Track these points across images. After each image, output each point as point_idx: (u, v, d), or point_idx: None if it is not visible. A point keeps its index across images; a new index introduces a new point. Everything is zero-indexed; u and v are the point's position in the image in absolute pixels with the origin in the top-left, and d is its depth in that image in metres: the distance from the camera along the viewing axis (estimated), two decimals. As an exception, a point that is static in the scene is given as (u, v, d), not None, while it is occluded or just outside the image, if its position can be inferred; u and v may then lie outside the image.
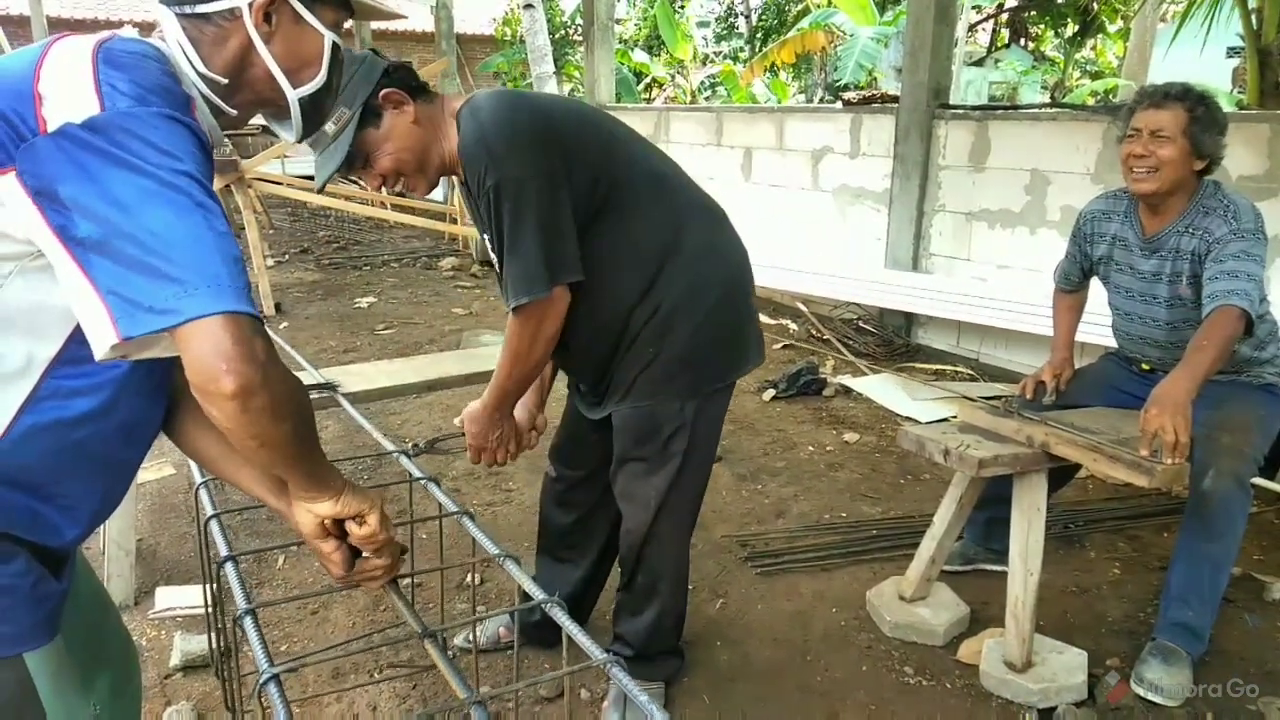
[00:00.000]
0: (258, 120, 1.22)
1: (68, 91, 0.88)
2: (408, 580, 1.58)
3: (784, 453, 3.59)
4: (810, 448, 3.65)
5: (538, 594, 1.20)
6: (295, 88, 1.10)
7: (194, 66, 1.03)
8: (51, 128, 0.86)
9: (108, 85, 0.88)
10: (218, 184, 6.29)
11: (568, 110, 1.79)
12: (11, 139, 0.86)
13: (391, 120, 1.65)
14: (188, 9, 1.03)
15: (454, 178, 1.81)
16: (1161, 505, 3.05)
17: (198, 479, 1.64)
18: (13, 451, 0.94)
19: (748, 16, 18.02)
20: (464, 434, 1.97)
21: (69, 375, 0.95)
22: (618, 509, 2.03)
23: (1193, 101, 2.11)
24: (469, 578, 2.56)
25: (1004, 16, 16.91)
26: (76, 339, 0.92)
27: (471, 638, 2.13)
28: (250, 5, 1.03)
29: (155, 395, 1.09)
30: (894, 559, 2.69)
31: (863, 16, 11.95)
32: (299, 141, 1.17)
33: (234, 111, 1.09)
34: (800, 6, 15.00)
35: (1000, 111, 4.80)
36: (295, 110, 1.12)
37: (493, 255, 1.76)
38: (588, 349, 1.86)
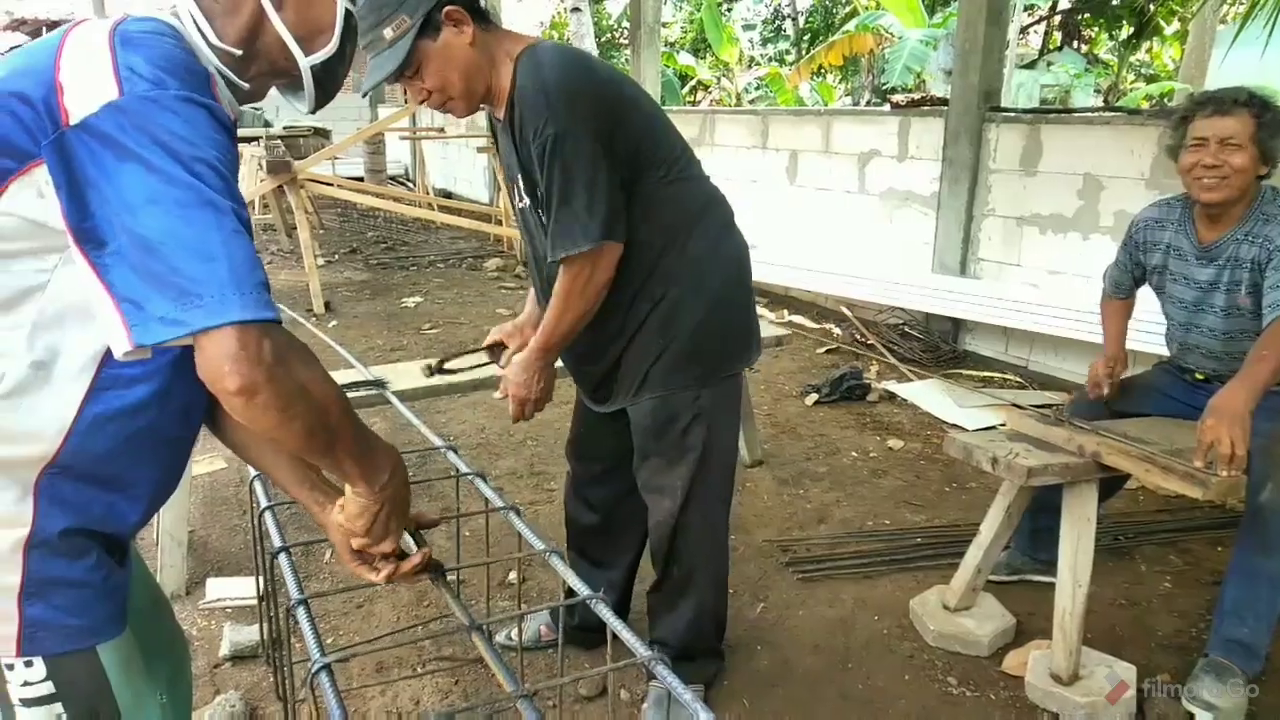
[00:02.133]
0: (308, 121, 1.24)
1: (87, 79, 0.87)
2: (452, 575, 1.60)
3: (826, 458, 3.57)
4: (853, 453, 3.62)
5: (582, 589, 1.22)
6: (307, 55, 1.08)
7: (206, 39, 1.02)
8: (74, 120, 0.86)
9: (126, 69, 0.87)
10: (270, 185, 6.44)
11: (622, 80, 1.82)
12: (42, 130, 0.87)
13: (449, 37, 1.65)
14: None
15: (494, 118, 1.83)
16: (1215, 518, 2.97)
17: (252, 472, 1.68)
18: (82, 445, 0.96)
19: (794, 19, 17.93)
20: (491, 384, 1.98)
21: (124, 364, 0.95)
22: (645, 506, 2.03)
23: (1259, 107, 2.07)
24: (510, 575, 2.59)
25: (1056, 19, 16.61)
26: None
27: (515, 635, 2.15)
28: None
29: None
30: (938, 568, 2.66)
31: (911, 19, 11.83)
32: (312, 112, 1.16)
33: (247, 85, 1.08)
34: (848, 9, 14.88)
35: (1052, 114, 4.72)
36: (308, 79, 1.10)
37: (519, 200, 1.81)
38: (595, 332, 1.85)
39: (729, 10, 17.83)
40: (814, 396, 4.24)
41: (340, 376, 2.68)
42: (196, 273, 0.83)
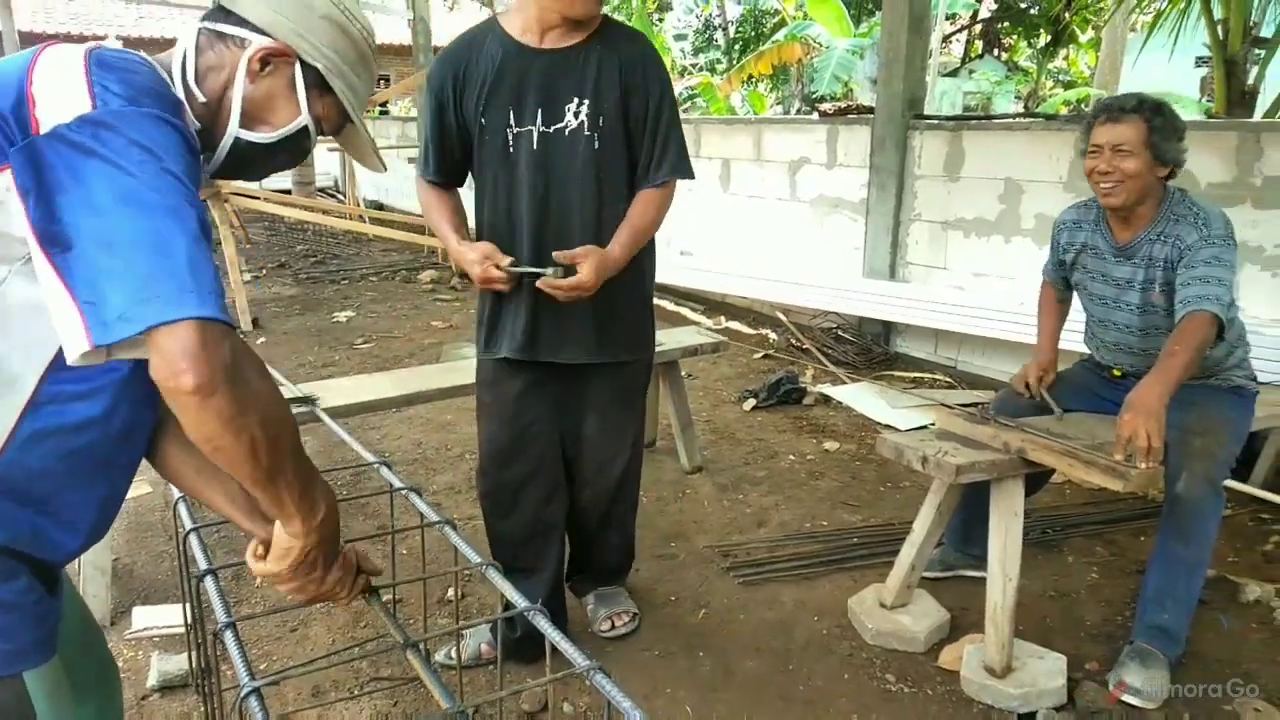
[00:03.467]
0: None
1: (61, 92, 0.89)
2: (389, 595, 1.57)
3: (765, 462, 3.61)
4: (791, 456, 3.66)
5: (520, 602, 1.22)
6: (242, 128, 1.10)
7: (185, 75, 1.07)
8: (44, 129, 0.87)
9: (100, 86, 0.89)
10: (194, 199, 6.25)
11: None
12: (9, 139, 0.87)
13: None
14: (214, 24, 1.09)
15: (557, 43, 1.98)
16: (1138, 510, 3.08)
17: (176, 493, 1.63)
18: (15, 462, 0.93)
19: (725, 29, 18.16)
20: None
21: (68, 380, 0.94)
22: (561, 502, 2.26)
23: (1149, 112, 2.13)
24: (449, 592, 2.55)
25: (978, 28, 17.13)
26: None
27: (454, 653, 2.13)
28: (255, 45, 1.08)
29: (151, 399, 1.06)
30: (875, 567, 2.70)
31: (839, 29, 12.08)
32: (211, 176, 1.16)
33: (197, 125, 1.09)
34: (776, 19, 15.12)
35: (973, 121, 4.86)
36: (226, 142, 1.11)
37: (558, 121, 1.97)
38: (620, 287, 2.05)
39: (660, 20, 17.97)
40: (751, 401, 4.28)
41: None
42: (157, 270, 0.83)
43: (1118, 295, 2.30)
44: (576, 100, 1.94)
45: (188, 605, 1.71)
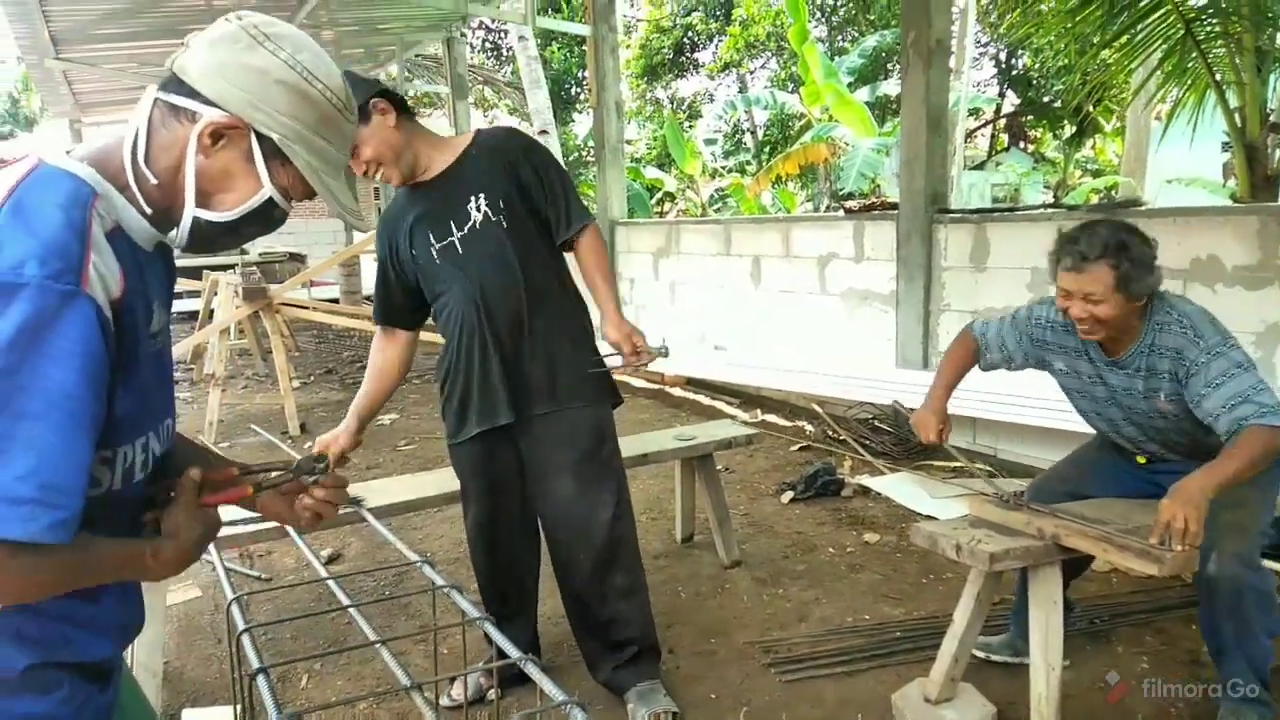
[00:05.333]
0: (283, 247, 1.28)
1: None
2: (431, 691, 1.61)
3: (804, 555, 3.59)
4: (830, 549, 3.64)
5: (514, 653, 1.43)
6: (199, 207, 1.06)
7: (134, 154, 1.03)
8: None
9: None
10: (246, 311, 6.54)
11: None
12: None
13: (377, 121, 2.15)
14: (167, 95, 1.05)
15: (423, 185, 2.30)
16: (1188, 597, 3.00)
17: (230, 594, 1.70)
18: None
19: (753, 132, 18.73)
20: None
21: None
22: (537, 558, 2.52)
23: (1114, 256, 2.04)
24: (490, 693, 2.57)
25: (1002, 122, 17.48)
26: None
27: (458, 693, 2.45)
28: (204, 119, 1.03)
29: (126, 504, 1.08)
30: (919, 660, 2.66)
31: (863, 129, 12.43)
32: (180, 248, 1.13)
33: (149, 210, 1.06)
34: (803, 122, 15.60)
35: (997, 213, 4.95)
36: (186, 222, 1.07)
37: (466, 225, 2.26)
38: (552, 334, 2.31)
39: (691, 127, 18.63)
40: (789, 494, 4.28)
41: (316, 496, 2.71)
42: None
43: (1121, 399, 2.26)
44: (474, 199, 2.25)
45: (238, 705, 1.76)
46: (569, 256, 2.41)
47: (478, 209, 2.24)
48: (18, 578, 0.88)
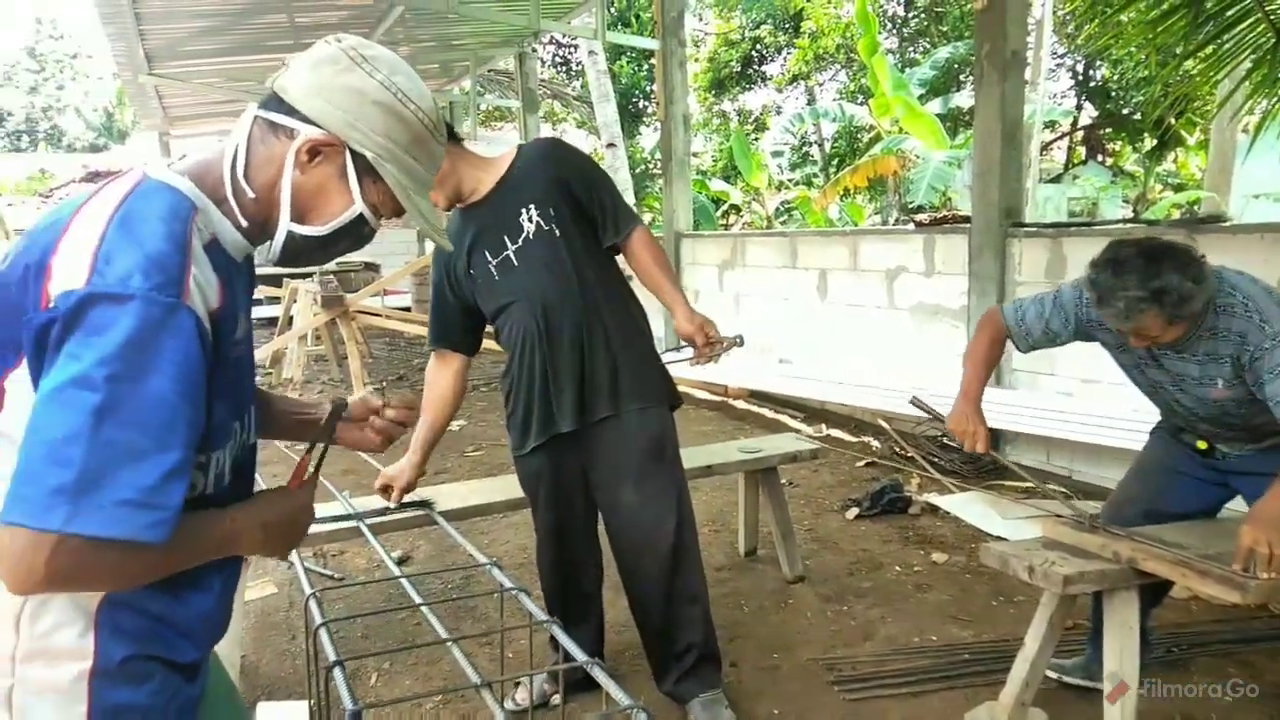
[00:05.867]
0: (359, 256, 1.37)
1: (68, 264, 0.92)
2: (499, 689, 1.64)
3: (870, 573, 3.55)
4: (897, 568, 3.59)
5: (581, 656, 1.46)
6: (294, 222, 1.11)
7: (234, 169, 1.08)
8: (50, 302, 0.91)
9: (103, 258, 0.91)
10: (324, 318, 6.74)
11: None
12: (25, 312, 0.93)
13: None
14: (267, 112, 1.09)
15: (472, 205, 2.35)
16: (1276, 627, 2.89)
17: (307, 589, 1.76)
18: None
19: (820, 145, 18.61)
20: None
21: None
22: (600, 567, 2.56)
23: (1155, 297, 1.95)
24: (553, 697, 2.59)
25: (1079, 134, 17.04)
26: None
27: (522, 697, 2.50)
28: (302, 136, 1.07)
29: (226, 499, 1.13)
30: (989, 684, 2.61)
31: (934, 141, 12.25)
32: (271, 263, 1.18)
33: (244, 223, 1.10)
34: (872, 134, 15.44)
35: (1073, 228, 4.84)
36: (280, 236, 1.11)
37: (519, 238, 2.30)
38: (612, 337, 2.32)
39: (757, 139, 18.58)
40: (854, 510, 4.24)
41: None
42: (35, 471, 0.87)
43: (1178, 382, 2.18)
44: (524, 211, 2.28)
45: (313, 696, 1.82)
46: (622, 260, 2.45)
47: (529, 220, 2.28)
48: (111, 570, 0.94)
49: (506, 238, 2.30)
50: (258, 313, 12.21)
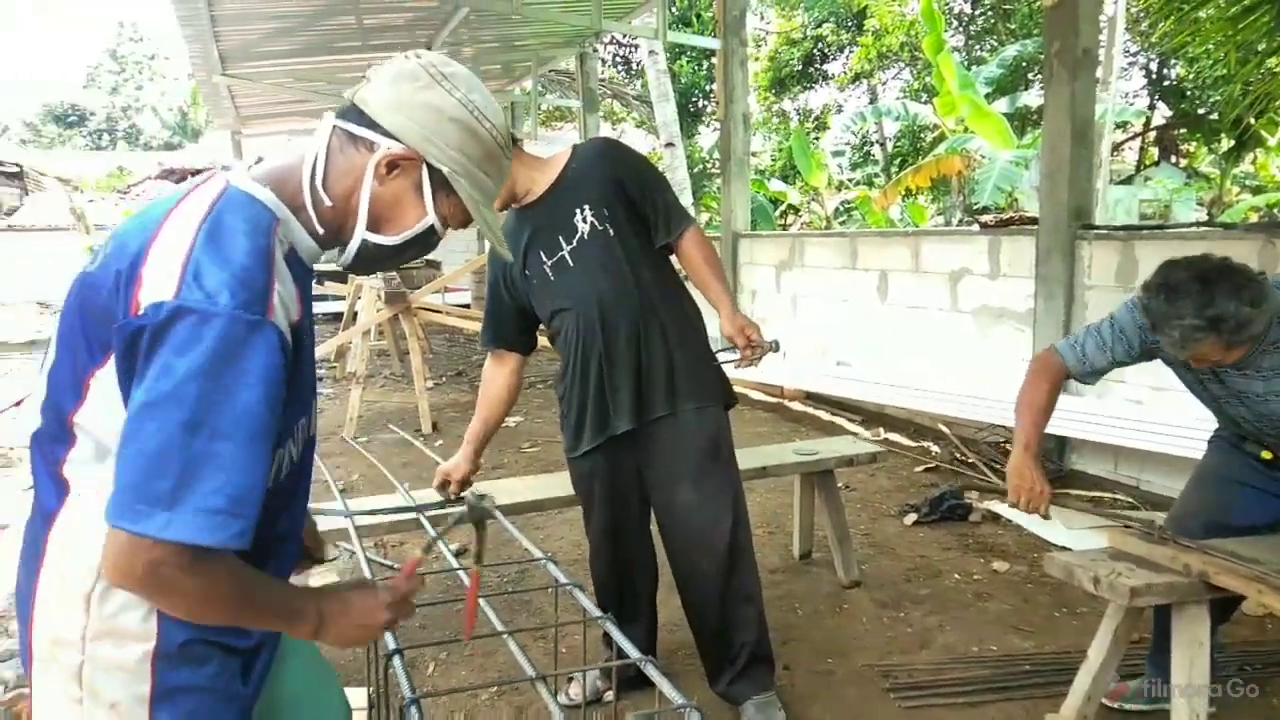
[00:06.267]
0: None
1: (158, 272, 0.97)
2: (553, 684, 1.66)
3: (927, 580, 3.49)
4: (956, 575, 3.53)
5: (634, 653, 1.48)
6: (369, 230, 1.15)
7: (313, 179, 1.12)
8: (139, 309, 0.96)
9: (192, 272, 0.95)
10: (387, 314, 6.87)
11: None
12: (115, 316, 0.98)
13: None
14: (346, 124, 1.13)
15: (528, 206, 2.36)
16: (1357, 649, 2.77)
17: (366, 577, 1.80)
18: None
19: (882, 144, 18.35)
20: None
21: None
22: (655, 563, 2.57)
23: (1212, 325, 1.87)
24: (606, 693, 2.61)
25: (1151, 134, 16.52)
26: None
27: (575, 692, 2.54)
28: (382, 150, 1.11)
29: (278, 518, 1.16)
30: (1049, 696, 2.55)
31: (1000, 141, 11.98)
32: (342, 268, 1.23)
33: (320, 231, 1.14)
34: (936, 133, 15.18)
35: (1146, 230, 4.69)
36: (355, 244, 1.16)
37: (575, 238, 2.30)
38: (668, 336, 2.33)
39: (817, 138, 18.41)
40: (913, 516, 4.17)
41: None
42: (136, 481, 0.93)
43: (1241, 398, 2.12)
44: (579, 211, 2.29)
45: (372, 684, 1.86)
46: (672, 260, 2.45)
47: (583, 220, 2.29)
48: (201, 585, 0.98)
49: (561, 238, 2.31)
50: (323, 308, 12.52)
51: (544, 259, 2.35)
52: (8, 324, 13.84)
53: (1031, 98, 13.70)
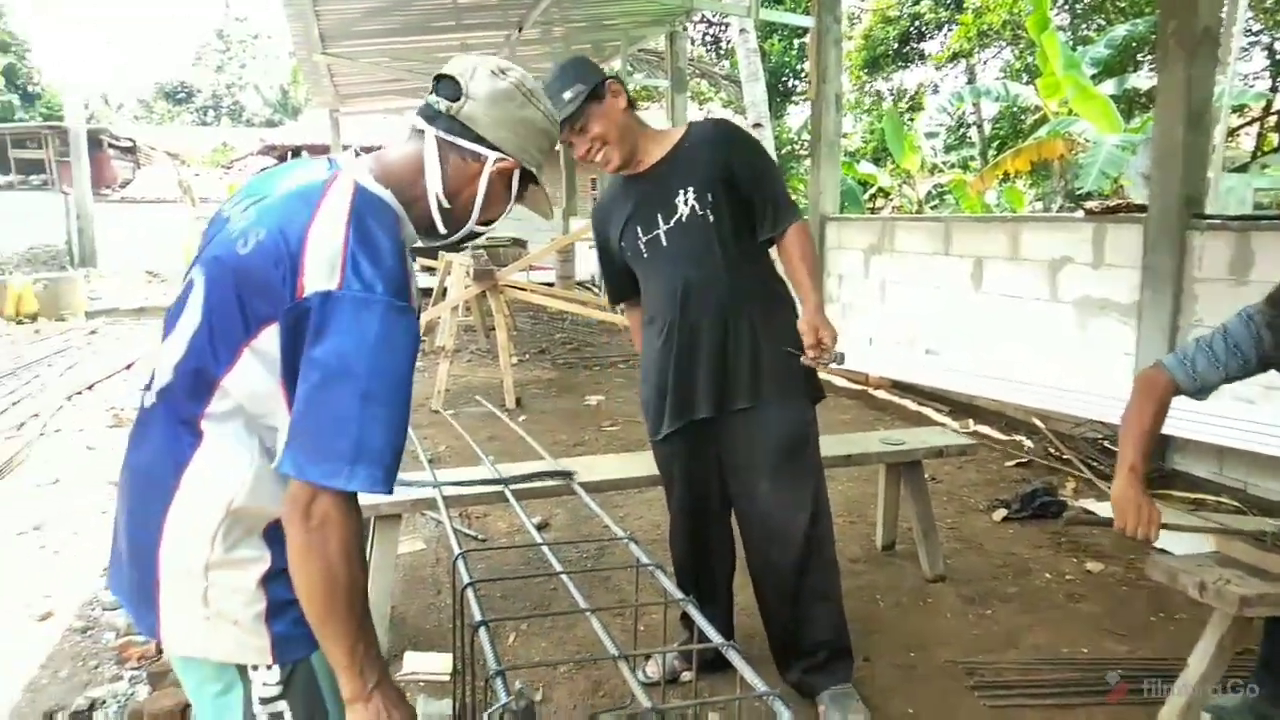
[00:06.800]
0: (505, 232, 1.65)
1: (320, 263, 1.15)
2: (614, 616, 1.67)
3: (1016, 578, 3.39)
4: (1047, 574, 3.42)
5: (717, 638, 1.48)
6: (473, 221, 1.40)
7: (432, 183, 1.33)
8: (304, 294, 1.14)
9: (350, 265, 1.14)
10: (475, 290, 6.99)
11: None
12: (280, 297, 1.15)
13: (610, 102, 2.24)
14: (451, 138, 1.32)
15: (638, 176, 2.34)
16: None
17: (456, 549, 1.84)
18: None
19: (980, 126, 17.75)
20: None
21: None
22: (733, 553, 2.55)
23: None
24: (637, 623, 2.62)
25: (1271, 119, 15.55)
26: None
27: (653, 670, 2.54)
28: (495, 162, 1.34)
29: None
30: (1142, 704, 2.45)
31: (1107, 124, 11.45)
32: (434, 249, 1.45)
33: (425, 223, 1.36)
34: (1037, 115, 14.60)
35: (1265, 221, 4.42)
36: (462, 234, 1.40)
37: (674, 218, 2.28)
38: (756, 328, 2.30)
39: (911, 120, 17.92)
40: (1002, 512, 4.05)
41: (530, 466, 2.88)
42: (321, 442, 1.12)
43: None
44: (682, 192, 2.25)
45: (457, 652, 1.90)
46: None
47: (685, 202, 2.25)
48: (356, 528, 1.17)
49: (660, 216, 2.29)
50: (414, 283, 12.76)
51: (640, 234, 2.33)
52: (119, 292, 14.60)
53: (1141, 79, 13.05)
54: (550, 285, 11.12)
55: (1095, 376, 5.01)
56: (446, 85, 1.33)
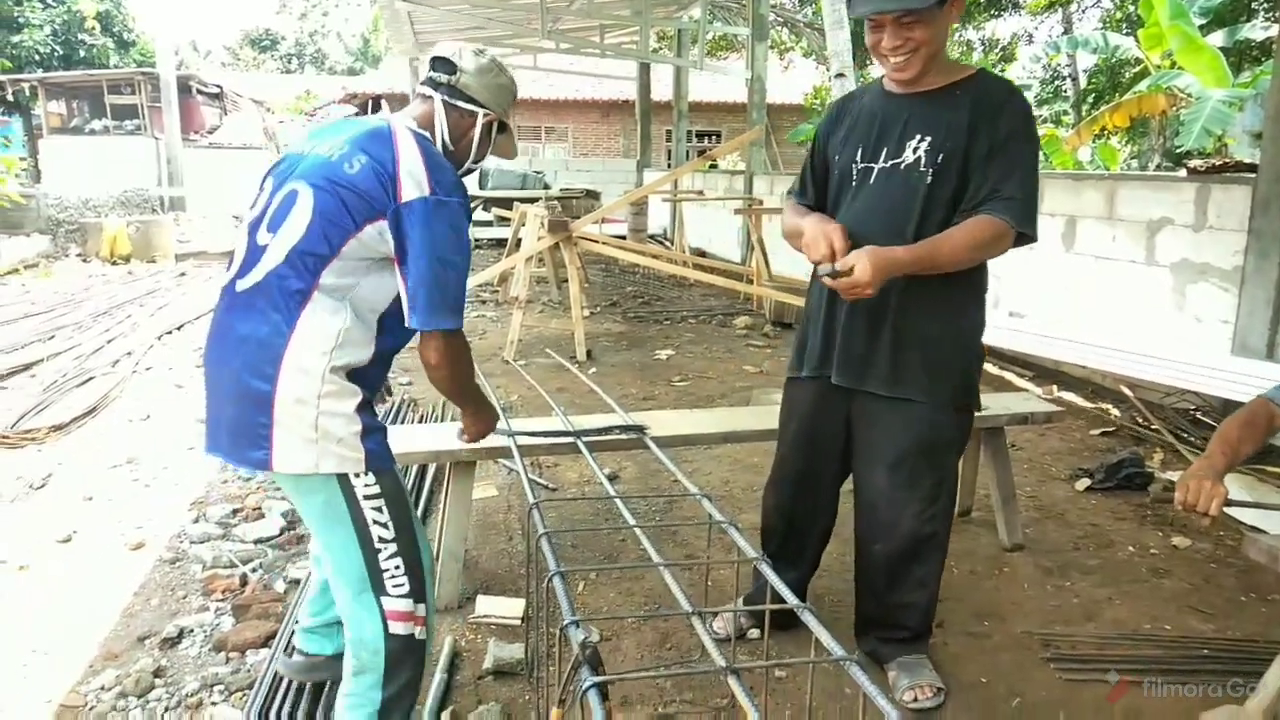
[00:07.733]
0: (581, 183, 2.18)
1: (413, 177, 1.69)
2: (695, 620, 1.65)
3: (1098, 550, 3.28)
4: (1130, 548, 3.30)
5: (792, 599, 1.50)
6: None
7: (440, 133, 1.89)
8: (403, 200, 1.68)
9: (435, 179, 1.70)
10: (549, 242, 7.00)
11: None
12: (385, 202, 1.69)
13: (947, 13, 2.02)
14: (454, 100, 1.89)
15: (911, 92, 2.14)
16: None
17: (530, 499, 1.85)
18: (373, 354, 1.78)
19: (1074, 79, 16.93)
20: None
21: (383, 315, 1.79)
22: (830, 522, 2.49)
23: None
24: (708, 578, 2.62)
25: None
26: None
27: (720, 626, 2.50)
28: (483, 116, 1.94)
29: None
30: (1230, 686, 2.36)
31: (1213, 78, 10.79)
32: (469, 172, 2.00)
33: None
34: (1138, 69, 13.84)
35: (1396, 183, 4.11)
36: (465, 169, 1.96)
37: (891, 158, 2.12)
38: (919, 313, 2.15)
39: (1003, 71, 17.17)
40: (1085, 481, 3.92)
41: (599, 419, 2.88)
42: (436, 300, 1.70)
43: None
44: (918, 138, 2.08)
45: (530, 598, 1.93)
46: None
47: (914, 150, 2.07)
48: (466, 350, 1.83)
49: (886, 150, 2.11)
50: (489, 233, 12.92)
51: (857, 159, 2.16)
52: (206, 235, 15.06)
53: (1255, 30, 12.23)
54: (623, 238, 11.06)
55: (1191, 344, 4.77)
56: (443, 64, 1.87)
